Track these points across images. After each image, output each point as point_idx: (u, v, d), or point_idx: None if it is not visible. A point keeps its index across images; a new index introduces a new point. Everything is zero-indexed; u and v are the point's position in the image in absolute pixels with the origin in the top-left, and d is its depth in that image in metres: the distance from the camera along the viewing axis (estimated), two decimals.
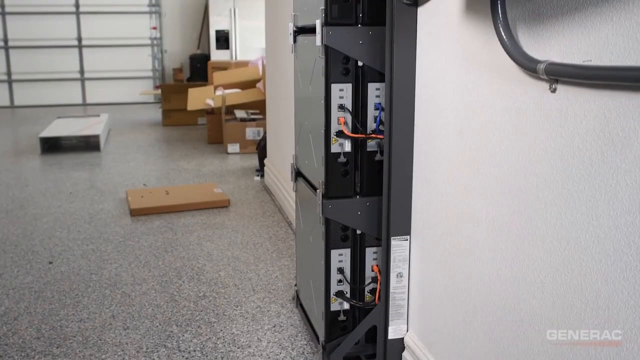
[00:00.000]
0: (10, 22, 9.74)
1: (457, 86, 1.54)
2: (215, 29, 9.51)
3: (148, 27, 10.14)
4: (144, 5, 10.06)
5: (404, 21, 1.72)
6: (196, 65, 9.74)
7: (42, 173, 5.11)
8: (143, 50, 10.16)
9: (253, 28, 9.33)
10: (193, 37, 10.29)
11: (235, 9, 9.43)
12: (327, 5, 1.79)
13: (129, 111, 9.24)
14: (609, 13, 1.01)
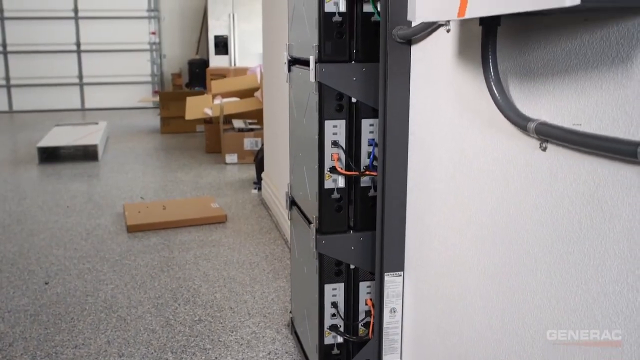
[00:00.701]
0: (9, 27, 9.74)
1: (450, 129, 1.54)
2: (214, 34, 9.50)
3: (147, 32, 10.14)
4: (142, 10, 10.06)
5: (397, 58, 1.72)
6: (195, 70, 9.74)
7: (39, 184, 5.11)
8: (142, 55, 10.16)
9: (252, 33, 9.33)
10: (192, 42, 10.29)
11: (234, 14, 9.42)
12: (321, 42, 1.79)
13: (127, 117, 9.24)
14: (599, 80, 1.01)
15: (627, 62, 0.95)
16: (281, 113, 3.78)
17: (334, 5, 1.78)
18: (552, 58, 1.12)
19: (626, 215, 0.96)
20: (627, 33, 0.94)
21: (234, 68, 8.80)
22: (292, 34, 2.18)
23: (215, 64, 9.38)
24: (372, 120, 1.86)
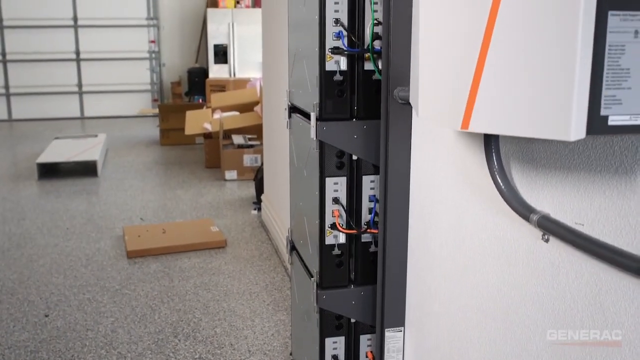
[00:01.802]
0: (8, 35, 9.72)
1: (450, 197, 1.53)
2: (214, 43, 9.48)
3: (146, 41, 10.12)
4: (142, 19, 10.05)
5: (398, 118, 1.71)
6: (194, 79, 9.73)
7: (39, 203, 5.11)
8: (141, 64, 10.15)
9: (252, 42, 9.32)
10: (191, 50, 10.27)
11: (234, 24, 9.41)
12: (322, 100, 1.79)
13: (127, 126, 9.23)
14: (602, 185, 1.01)
15: (631, 174, 0.94)
16: (280, 130, 3.76)
17: (335, 63, 1.77)
18: (556, 151, 1.11)
19: (629, 324, 0.96)
20: (632, 145, 0.94)
21: (233, 79, 8.79)
22: (293, 81, 2.18)
23: (215, 73, 9.37)
24: (373, 177, 1.86)
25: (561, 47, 0.80)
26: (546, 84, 0.83)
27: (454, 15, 0.98)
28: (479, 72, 0.91)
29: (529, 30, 0.84)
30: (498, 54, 0.88)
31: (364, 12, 1.77)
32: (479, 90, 0.92)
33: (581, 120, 0.81)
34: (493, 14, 0.87)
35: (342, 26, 1.74)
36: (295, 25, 2.12)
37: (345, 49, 1.74)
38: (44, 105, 9.91)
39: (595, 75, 0.81)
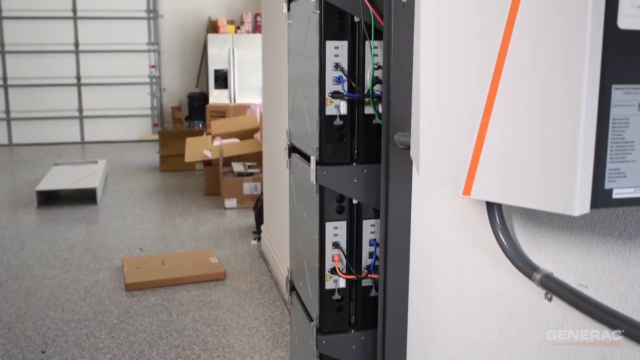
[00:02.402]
0: (9, 60, 9.77)
1: (451, 244, 1.52)
2: (214, 68, 9.53)
3: (147, 66, 10.17)
4: (143, 44, 10.10)
5: (399, 163, 1.70)
6: (194, 104, 9.76)
7: (37, 232, 5.08)
8: (142, 89, 10.18)
9: (252, 67, 9.37)
10: (192, 75, 10.31)
11: (234, 49, 9.46)
12: (322, 144, 1.78)
13: (127, 151, 9.24)
14: (606, 249, 0.99)
15: (635, 240, 0.93)
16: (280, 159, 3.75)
17: (335, 108, 1.76)
18: None
19: None
20: (636, 211, 0.92)
21: (233, 105, 8.81)
22: (292, 122, 2.17)
23: (215, 98, 9.41)
24: (373, 221, 1.84)
25: (565, 120, 0.79)
26: (549, 157, 0.82)
27: (457, 76, 0.97)
28: (482, 137, 0.90)
29: (532, 102, 0.83)
30: (501, 122, 0.87)
31: (364, 57, 1.76)
32: (481, 157, 0.91)
33: (585, 194, 0.80)
34: (496, 81, 0.87)
35: (342, 71, 1.74)
36: (294, 65, 2.12)
37: (346, 94, 1.73)
38: (44, 129, 9.93)
39: (599, 149, 0.80)
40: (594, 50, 0.77)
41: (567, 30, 0.78)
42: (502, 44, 0.85)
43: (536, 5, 0.81)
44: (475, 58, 0.91)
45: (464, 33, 0.94)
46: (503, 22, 0.85)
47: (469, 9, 0.93)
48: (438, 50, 1.04)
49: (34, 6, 9.63)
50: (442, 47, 1.02)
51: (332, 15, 1.73)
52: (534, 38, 0.82)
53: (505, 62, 0.85)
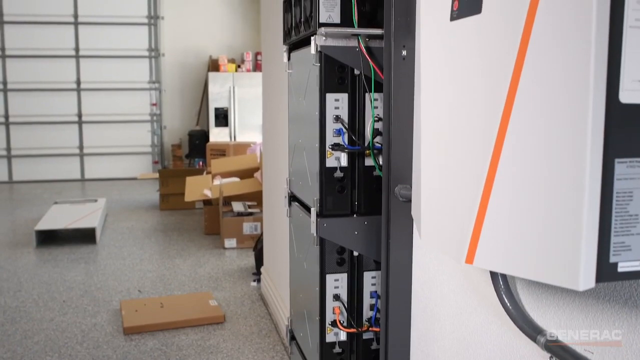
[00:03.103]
0: (11, 98, 9.83)
1: (454, 300, 1.50)
2: (215, 106, 9.59)
3: (148, 103, 10.22)
4: (144, 82, 10.17)
5: (400, 215, 1.70)
6: (195, 141, 9.79)
7: (36, 273, 5.04)
8: (143, 126, 10.23)
9: (252, 105, 9.43)
10: (192, 113, 10.37)
11: (235, 87, 9.53)
12: (322, 197, 1.77)
13: (127, 189, 9.23)
14: (611, 315, 0.98)
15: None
16: (280, 199, 3.73)
17: (336, 160, 1.76)
18: None
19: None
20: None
21: (234, 143, 8.84)
22: (293, 170, 2.17)
23: (216, 136, 9.45)
24: (374, 273, 1.83)
25: (568, 193, 0.79)
26: (553, 230, 0.81)
27: (459, 142, 0.97)
28: (484, 207, 0.90)
29: (536, 174, 0.82)
30: (503, 193, 0.87)
31: (364, 109, 1.77)
32: (483, 227, 0.90)
33: (590, 268, 0.79)
34: (497, 151, 0.86)
35: (343, 124, 1.74)
36: (295, 115, 2.13)
37: (346, 146, 1.74)
38: (44, 167, 9.95)
39: (603, 222, 0.79)
40: (596, 124, 0.77)
41: (570, 104, 0.78)
42: (503, 115, 0.85)
43: (538, 79, 0.81)
44: (478, 126, 0.90)
45: (466, 101, 0.94)
46: (504, 94, 0.85)
47: (473, 73, 0.94)
48: (439, 116, 1.04)
49: (36, 44, 9.72)
50: (442, 114, 1.02)
51: (333, 68, 1.74)
52: (536, 110, 0.82)
53: (507, 134, 0.85)
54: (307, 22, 1.81)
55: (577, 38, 0.77)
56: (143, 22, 10.10)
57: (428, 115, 1.09)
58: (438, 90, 1.06)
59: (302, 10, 1.86)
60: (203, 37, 10.27)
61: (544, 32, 0.80)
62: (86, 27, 9.89)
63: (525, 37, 0.82)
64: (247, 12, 10.42)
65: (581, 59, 0.76)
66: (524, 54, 0.82)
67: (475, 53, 0.93)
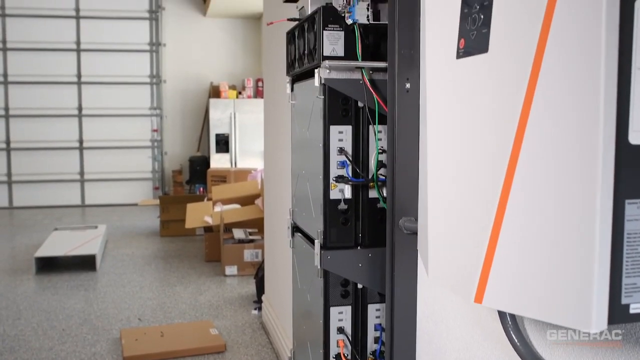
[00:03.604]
0: (13, 124, 9.86)
1: (460, 334, 1.49)
2: (216, 132, 9.62)
3: (149, 130, 10.26)
4: (145, 108, 10.21)
5: (404, 248, 1.69)
6: (196, 168, 9.80)
7: (35, 300, 5.01)
8: (143, 152, 10.25)
9: (253, 131, 9.46)
10: (193, 139, 10.40)
11: (236, 113, 9.56)
12: (326, 228, 1.76)
13: (127, 215, 9.22)
14: (622, 354, 0.97)
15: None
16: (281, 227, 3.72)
17: (339, 192, 1.76)
18: None
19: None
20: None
21: (234, 169, 8.85)
22: (296, 200, 2.16)
23: (216, 162, 9.46)
24: (379, 305, 1.81)
25: (579, 234, 0.78)
26: (564, 271, 0.80)
27: (466, 182, 0.97)
28: (493, 246, 0.89)
29: (546, 215, 0.82)
30: (513, 233, 0.86)
31: (368, 141, 1.77)
32: (492, 266, 0.89)
33: (602, 309, 0.78)
34: (505, 193, 0.86)
35: (346, 156, 1.74)
36: (298, 145, 2.13)
37: (350, 178, 1.73)
38: (45, 192, 9.94)
39: (614, 263, 0.78)
40: (606, 165, 0.77)
41: (579, 145, 0.78)
42: (512, 154, 0.85)
43: (547, 120, 0.81)
44: (486, 166, 0.90)
45: (474, 139, 0.94)
46: (513, 134, 0.84)
47: (480, 112, 0.94)
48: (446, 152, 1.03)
49: (39, 70, 9.79)
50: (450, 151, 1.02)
51: (337, 101, 1.74)
52: (545, 151, 0.82)
53: (516, 174, 0.85)
54: (310, 54, 1.82)
55: (585, 79, 0.77)
56: (145, 49, 10.18)
57: (434, 151, 1.09)
58: (444, 127, 1.07)
59: (305, 43, 1.87)
60: (204, 63, 10.34)
61: (552, 73, 0.80)
62: (88, 53, 9.95)
63: (533, 78, 0.82)
64: (248, 39, 10.50)
65: (590, 99, 0.76)
66: (532, 95, 0.82)
67: (482, 91, 0.94)
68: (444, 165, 1.06)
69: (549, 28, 0.80)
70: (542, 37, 0.81)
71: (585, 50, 0.77)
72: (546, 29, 0.81)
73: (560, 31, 0.80)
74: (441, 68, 1.10)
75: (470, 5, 0.98)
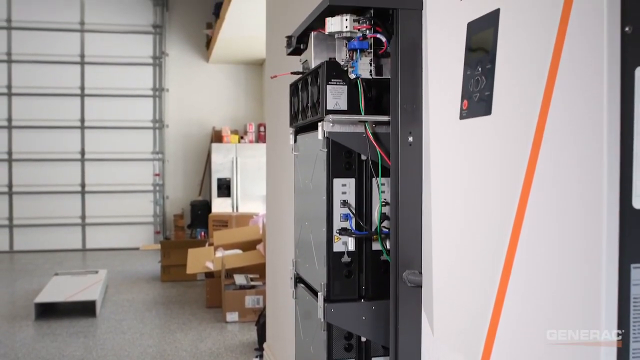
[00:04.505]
0: (15, 168, 9.90)
1: None
2: (217, 177, 9.65)
3: (151, 174, 10.30)
4: (148, 153, 10.27)
5: (408, 301, 1.68)
6: (197, 212, 9.80)
7: (34, 348, 4.96)
8: (145, 196, 10.27)
9: (254, 175, 9.49)
10: (195, 183, 10.43)
11: (237, 158, 9.61)
12: (330, 281, 1.76)
13: (128, 259, 9.18)
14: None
15: None
16: (283, 274, 3.71)
17: (343, 244, 1.76)
18: None
19: None
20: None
21: (236, 214, 8.85)
22: (299, 253, 2.16)
23: (218, 207, 9.47)
24: (382, 359, 1.79)
25: (585, 299, 0.78)
26: None
27: (472, 240, 0.97)
28: (498, 309, 0.89)
29: (551, 279, 0.82)
30: (519, 297, 0.86)
31: (371, 193, 1.78)
32: (498, 330, 0.89)
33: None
34: (510, 259, 0.86)
35: (350, 209, 1.75)
36: (301, 196, 2.13)
37: (353, 231, 1.74)
38: (46, 236, 9.93)
39: (621, 328, 0.78)
40: (610, 229, 0.77)
41: (584, 209, 0.78)
42: (516, 219, 0.86)
43: (551, 186, 0.82)
44: (490, 227, 0.91)
45: (478, 199, 0.95)
46: (517, 198, 0.85)
47: (484, 173, 0.94)
48: (451, 214, 1.04)
49: (42, 116, 9.88)
50: (454, 211, 1.02)
51: (340, 154, 1.76)
52: (550, 215, 0.82)
53: (520, 240, 0.85)
54: (314, 107, 1.84)
55: (588, 144, 0.78)
56: (148, 94, 10.29)
57: (439, 208, 1.10)
58: (449, 184, 1.07)
59: (309, 96, 1.89)
60: (207, 108, 10.44)
61: (555, 138, 0.81)
62: (92, 98, 10.06)
63: (536, 143, 0.83)
64: (250, 84, 10.62)
65: (594, 165, 0.77)
66: (536, 159, 0.83)
67: (486, 152, 0.95)
68: (448, 222, 1.07)
69: (552, 94, 0.82)
70: (545, 103, 0.83)
71: (587, 115, 0.78)
72: (549, 94, 0.82)
73: (563, 97, 0.81)
74: (445, 126, 1.11)
75: (473, 68, 0.99)
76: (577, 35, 0.79)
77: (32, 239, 9.93)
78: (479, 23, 0.98)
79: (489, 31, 0.94)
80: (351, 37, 1.72)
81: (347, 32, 1.71)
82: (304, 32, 1.95)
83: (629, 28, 0.76)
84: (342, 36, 1.74)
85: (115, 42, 10.17)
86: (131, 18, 10.27)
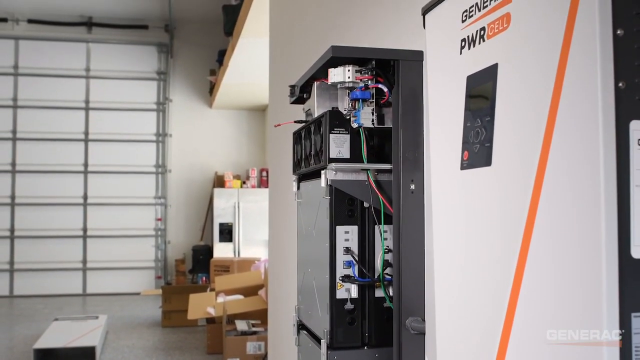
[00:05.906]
0: (17, 212, 9.95)
1: None
2: (219, 222, 9.66)
3: (153, 218, 10.31)
4: (150, 197, 10.31)
5: (411, 349, 1.68)
6: (199, 257, 9.78)
7: None
8: (147, 241, 10.27)
9: (256, 219, 9.48)
10: (196, 228, 10.43)
11: (239, 203, 9.63)
12: (333, 328, 1.76)
13: (129, 304, 9.13)
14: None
15: None
16: (286, 320, 3.69)
17: (346, 291, 1.76)
18: None
19: None
20: None
21: (238, 259, 8.82)
22: (302, 299, 2.16)
23: (220, 252, 9.45)
24: None
25: (586, 349, 0.79)
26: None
27: (473, 290, 0.98)
28: (503, 351, 0.90)
29: (552, 334, 0.83)
30: (522, 347, 0.87)
31: (374, 241, 1.79)
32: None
33: None
34: (514, 298, 0.87)
35: (353, 256, 1.76)
36: (304, 244, 2.15)
37: (356, 278, 1.74)
38: (46, 281, 9.89)
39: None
40: (610, 279, 0.78)
41: (583, 260, 0.80)
42: (517, 269, 0.87)
43: (550, 237, 0.84)
44: (492, 278, 0.92)
45: (479, 249, 0.97)
46: (518, 248, 0.87)
47: (485, 222, 0.96)
48: (452, 257, 1.05)
49: (46, 160, 9.95)
50: (455, 261, 1.04)
51: (342, 201, 1.78)
52: (550, 265, 0.84)
53: (522, 289, 0.86)
54: (317, 156, 1.86)
55: (586, 195, 0.80)
56: (151, 139, 10.38)
57: (440, 256, 1.11)
58: (451, 233, 1.09)
59: (312, 144, 1.92)
60: (209, 153, 10.51)
61: (554, 191, 0.84)
62: (96, 143, 10.15)
63: (535, 194, 0.85)
64: (253, 129, 10.71)
65: (592, 216, 0.79)
66: (536, 210, 0.85)
67: (486, 201, 0.97)
68: (450, 271, 1.08)
69: (550, 146, 0.84)
70: (543, 155, 0.85)
71: (585, 167, 0.80)
72: (547, 147, 0.84)
73: (561, 149, 0.83)
74: (446, 175, 1.13)
75: (473, 119, 1.02)
76: (573, 90, 0.82)
77: (33, 283, 9.89)
78: (478, 76, 1.01)
79: (487, 85, 0.97)
80: (353, 87, 1.76)
81: (350, 83, 1.75)
82: (307, 82, 1.99)
83: (622, 84, 0.79)
84: (345, 86, 1.78)
85: (120, 88, 10.31)
86: (136, 65, 10.42)
